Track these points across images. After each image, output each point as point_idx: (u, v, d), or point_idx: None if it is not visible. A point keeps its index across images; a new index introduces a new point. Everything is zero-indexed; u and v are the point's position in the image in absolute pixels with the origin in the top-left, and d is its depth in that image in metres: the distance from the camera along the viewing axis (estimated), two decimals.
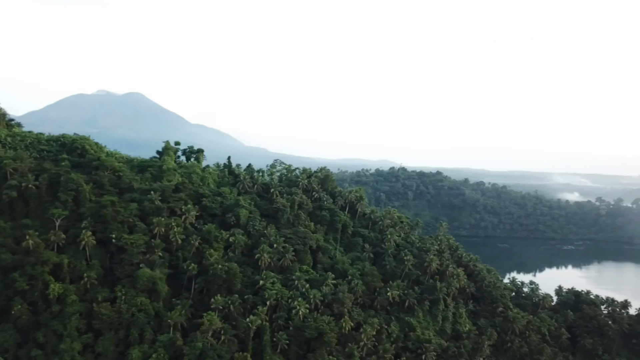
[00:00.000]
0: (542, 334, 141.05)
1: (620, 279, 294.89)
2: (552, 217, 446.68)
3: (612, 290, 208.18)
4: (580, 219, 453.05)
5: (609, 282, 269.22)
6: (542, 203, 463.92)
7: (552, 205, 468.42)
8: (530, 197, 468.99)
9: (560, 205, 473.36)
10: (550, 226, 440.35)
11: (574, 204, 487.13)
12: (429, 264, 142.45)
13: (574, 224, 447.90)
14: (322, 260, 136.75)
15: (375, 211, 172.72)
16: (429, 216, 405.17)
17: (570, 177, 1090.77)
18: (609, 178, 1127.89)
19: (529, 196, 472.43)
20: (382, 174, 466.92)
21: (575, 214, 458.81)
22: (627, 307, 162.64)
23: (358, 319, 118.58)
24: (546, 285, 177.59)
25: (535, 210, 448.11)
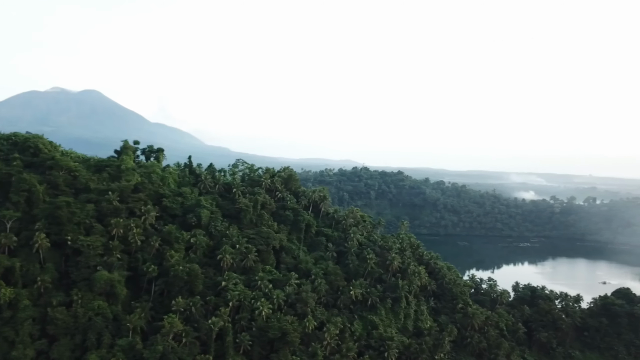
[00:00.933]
0: (500, 329, 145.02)
1: (573, 274, 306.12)
2: (509, 215, 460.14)
3: (566, 285, 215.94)
4: (536, 217, 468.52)
5: (562, 278, 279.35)
6: (499, 202, 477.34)
7: (509, 203, 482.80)
8: (488, 196, 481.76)
9: (516, 203, 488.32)
10: (508, 224, 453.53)
11: (530, 202, 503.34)
12: (391, 262, 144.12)
13: (529, 221, 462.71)
14: (286, 260, 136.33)
15: (338, 210, 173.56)
16: (391, 215, 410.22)
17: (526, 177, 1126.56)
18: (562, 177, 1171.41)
19: (487, 195, 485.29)
20: (345, 174, 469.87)
21: (531, 212, 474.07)
22: (580, 301, 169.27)
23: (321, 318, 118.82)
24: (504, 282, 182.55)
25: (494, 209, 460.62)
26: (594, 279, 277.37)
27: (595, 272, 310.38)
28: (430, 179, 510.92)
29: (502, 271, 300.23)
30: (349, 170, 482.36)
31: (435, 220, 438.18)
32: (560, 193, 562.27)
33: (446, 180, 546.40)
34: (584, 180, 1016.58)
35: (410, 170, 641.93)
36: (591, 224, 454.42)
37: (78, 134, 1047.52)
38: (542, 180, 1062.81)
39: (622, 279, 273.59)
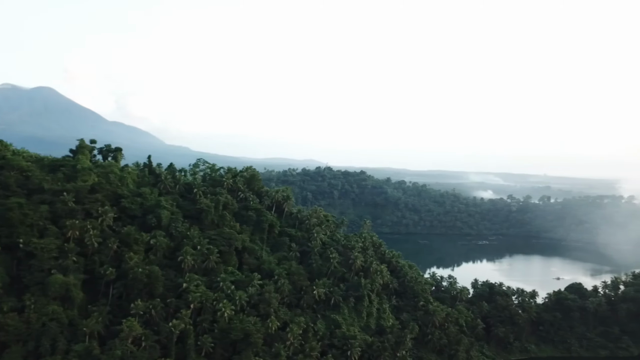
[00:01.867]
0: (459, 325, 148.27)
1: (529, 271, 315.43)
2: (468, 214, 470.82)
3: (522, 282, 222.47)
4: (494, 216, 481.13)
5: (519, 274, 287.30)
6: (459, 201, 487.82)
7: (468, 202, 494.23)
8: (448, 195, 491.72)
9: (475, 202, 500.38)
10: (467, 222, 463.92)
11: (488, 201, 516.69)
12: (353, 261, 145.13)
13: (488, 220, 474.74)
14: (248, 261, 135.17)
15: (302, 210, 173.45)
16: (354, 214, 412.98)
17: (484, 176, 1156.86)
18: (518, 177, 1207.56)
19: (447, 194, 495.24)
20: (308, 174, 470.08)
21: (489, 210, 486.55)
22: (535, 296, 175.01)
23: (285, 319, 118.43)
24: (463, 279, 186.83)
25: (453, 208, 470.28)
26: (549, 275, 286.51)
27: (549, 268, 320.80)
28: (392, 179, 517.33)
29: (461, 269, 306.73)
30: (313, 170, 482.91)
31: (397, 219, 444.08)
32: (517, 192, 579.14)
33: (407, 179, 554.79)
34: (539, 180, 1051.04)
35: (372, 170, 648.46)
36: (546, 222, 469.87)
37: (30, 132, 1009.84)
38: (499, 179, 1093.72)
39: (574, 274, 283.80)
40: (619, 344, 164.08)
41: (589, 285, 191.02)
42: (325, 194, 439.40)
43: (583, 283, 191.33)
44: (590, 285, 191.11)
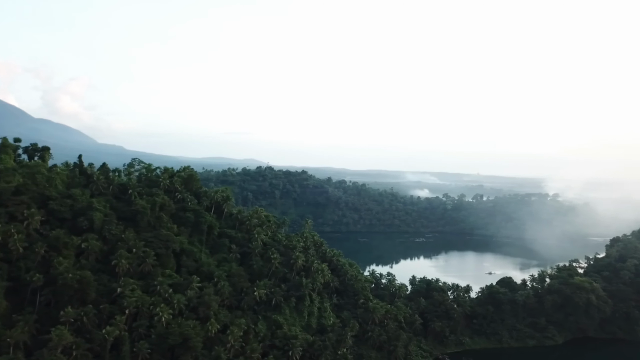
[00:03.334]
0: (398, 321, 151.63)
1: (463, 266, 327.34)
2: (406, 212, 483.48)
3: (457, 277, 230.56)
4: (430, 214, 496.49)
5: (454, 270, 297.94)
6: (397, 199, 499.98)
7: (406, 201, 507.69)
8: (386, 194, 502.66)
9: (412, 201, 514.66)
10: (405, 220, 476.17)
11: (425, 199, 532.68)
12: (295, 261, 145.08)
13: (424, 218, 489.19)
14: (187, 263, 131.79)
15: (242, 211, 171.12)
16: (295, 214, 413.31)
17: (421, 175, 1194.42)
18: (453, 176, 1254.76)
19: (385, 193, 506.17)
20: (249, 173, 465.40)
21: (426, 209, 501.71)
22: (469, 291, 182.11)
23: (225, 321, 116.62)
24: (402, 276, 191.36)
25: (392, 206, 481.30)
26: (482, 270, 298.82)
27: (482, 263, 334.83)
28: (333, 179, 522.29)
29: (400, 266, 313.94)
30: (253, 170, 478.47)
31: (338, 218, 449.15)
32: (452, 191, 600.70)
33: (348, 179, 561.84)
34: (472, 179, 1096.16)
35: (313, 169, 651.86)
36: (479, 219, 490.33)
37: None
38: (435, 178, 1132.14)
39: (505, 269, 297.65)
40: (545, 333, 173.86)
41: (518, 279, 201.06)
42: (267, 194, 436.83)
43: (513, 277, 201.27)
44: (519, 278, 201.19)
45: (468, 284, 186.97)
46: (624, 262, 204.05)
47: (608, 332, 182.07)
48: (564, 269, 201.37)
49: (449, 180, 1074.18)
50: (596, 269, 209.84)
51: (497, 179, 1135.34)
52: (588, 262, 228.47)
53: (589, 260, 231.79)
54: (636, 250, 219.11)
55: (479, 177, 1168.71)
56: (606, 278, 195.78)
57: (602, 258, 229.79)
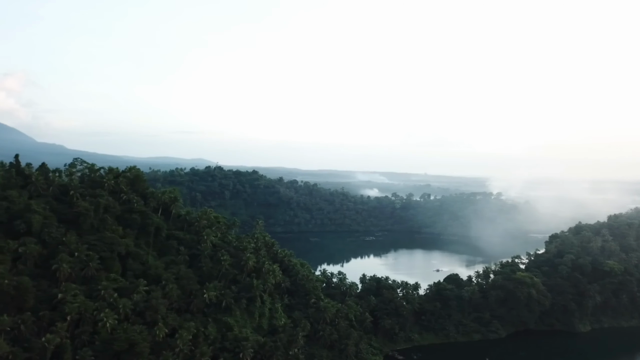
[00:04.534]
0: (349, 319, 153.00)
1: (412, 264, 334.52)
2: (356, 211, 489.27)
3: (406, 275, 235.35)
4: (380, 213, 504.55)
5: (403, 268, 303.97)
6: (348, 199, 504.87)
7: (356, 200, 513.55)
8: (337, 194, 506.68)
9: (363, 200, 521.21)
10: (355, 220, 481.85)
11: (374, 199, 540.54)
12: (245, 262, 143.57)
13: (374, 217, 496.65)
14: (133, 266, 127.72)
15: (191, 212, 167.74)
16: (246, 215, 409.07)
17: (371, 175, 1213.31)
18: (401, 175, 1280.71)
19: (336, 193, 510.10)
20: (197, 173, 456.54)
21: (376, 208, 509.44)
22: (418, 288, 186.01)
23: (173, 325, 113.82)
24: (352, 274, 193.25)
25: (342, 206, 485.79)
26: (429, 267, 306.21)
27: (430, 261, 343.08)
28: (284, 178, 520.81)
29: (351, 264, 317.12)
30: (202, 170, 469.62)
31: (289, 218, 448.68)
32: (400, 190, 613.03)
33: (299, 179, 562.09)
34: (420, 178, 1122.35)
35: (264, 169, 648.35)
36: (426, 217, 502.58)
37: None
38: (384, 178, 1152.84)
39: (452, 266, 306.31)
40: (489, 327, 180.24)
41: (464, 275, 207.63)
42: (216, 195, 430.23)
43: (459, 274, 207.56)
44: (465, 275, 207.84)
45: (417, 281, 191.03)
46: (562, 258, 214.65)
47: (547, 324, 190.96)
48: (506, 265, 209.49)
49: (397, 180, 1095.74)
50: (536, 264, 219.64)
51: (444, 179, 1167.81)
52: (529, 258, 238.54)
53: (529, 256, 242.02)
54: (573, 246, 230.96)
55: (427, 177, 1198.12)
56: (545, 273, 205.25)
57: (542, 254, 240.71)
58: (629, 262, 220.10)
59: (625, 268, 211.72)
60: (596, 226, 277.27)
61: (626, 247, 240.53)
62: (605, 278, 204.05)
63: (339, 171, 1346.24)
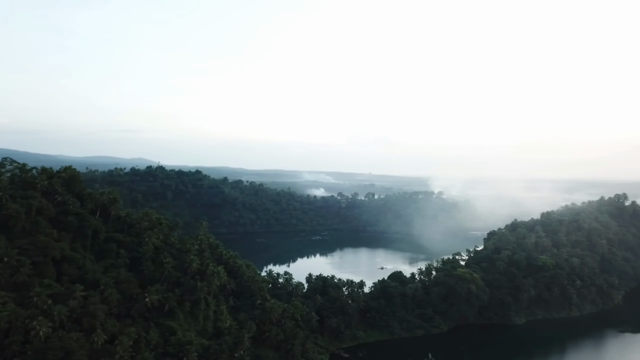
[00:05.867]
0: (295, 319, 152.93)
1: (357, 262, 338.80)
2: (303, 211, 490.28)
3: (351, 273, 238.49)
4: (326, 212, 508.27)
5: (349, 266, 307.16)
6: (294, 199, 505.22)
7: (303, 200, 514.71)
8: (284, 194, 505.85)
9: (309, 200, 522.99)
10: (302, 219, 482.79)
11: (320, 198, 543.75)
12: (189, 264, 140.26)
13: (320, 216, 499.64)
14: (69, 271, 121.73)
15: (131, 214, 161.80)
16: (190, 216, 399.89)
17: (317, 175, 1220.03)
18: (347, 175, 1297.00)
19: (283, 193, 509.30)
20: (138, 174, 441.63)
21: (322, 207, 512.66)
22: (363, 286, 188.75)
23: (113, 331, 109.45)
24: (299, 274, 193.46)
25: (289, 206, 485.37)
26: (374, 265, 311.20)
27: (375, 259, 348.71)
28: (229, 178, 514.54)
29: (297, 264, 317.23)
30: (143, 170, 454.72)
31: (234, 219, 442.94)
32: (346, 190, 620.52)
33: (244, 179, 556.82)
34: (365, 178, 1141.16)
35: (208, 169, 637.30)
36: (371, 216, 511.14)
37: None
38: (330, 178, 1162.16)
39: (396, 263, 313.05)
40: (432, 323, 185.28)
41: (407, 272, 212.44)
42: (158, 195, 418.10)
43: (403, 271, 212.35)
44: (408, 272, 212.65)
45: (362, 279, 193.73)
46: (499, 254, 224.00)
47: (486, 318, 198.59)
48: (447, 261, 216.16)
49: (343, 179, 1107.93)
50: (475, 260, 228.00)
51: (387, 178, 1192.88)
52: (468, 255, 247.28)
53: (469, 252, 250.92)
54: (509, 243, 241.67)
55: (371, 177, 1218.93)
56: (484, 268, 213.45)
57: (481, 250, 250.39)
58: (560, 257, 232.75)
59: (556, 262, 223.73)
60: (530, 223, 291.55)
61: (557, 242, 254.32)
62: (539, 272, 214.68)
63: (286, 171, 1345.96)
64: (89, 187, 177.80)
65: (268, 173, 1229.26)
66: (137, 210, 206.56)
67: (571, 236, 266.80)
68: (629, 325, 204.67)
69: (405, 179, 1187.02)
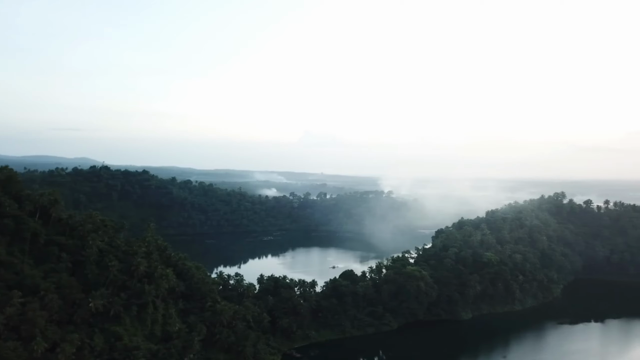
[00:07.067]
0: (247, 321, 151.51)
1: (309, 262, 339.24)
2: (254, 211, 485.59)
3: (303, 273, 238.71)
4: (278, 212, 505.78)
5: (301, 266, 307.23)
6: (245, 199, 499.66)
7: (254, 200, 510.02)
8: (235, 194, 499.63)
9: (260, 200, 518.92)
10: (253, 220, 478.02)
11: (272, 198, 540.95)
12: (136, 267, 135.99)
13: (272, 216, 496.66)
14: (6, 276, 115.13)
15: (74, 215, 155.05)
16: (136, 217, 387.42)
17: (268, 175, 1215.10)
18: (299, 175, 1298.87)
19: (234, 193, 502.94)
20: (81, 174, 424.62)
21: (274, 207, 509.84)
22: (315, 286, 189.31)
23: (54, 338, 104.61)
24: (250, 275, 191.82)
25: (240, 206, 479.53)
26: (326, 264, 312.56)
27: (326, 258, 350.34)
28: (178, 178, 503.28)
29: (248, 265, 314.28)
30: (87, 169, 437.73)
31: (183, 220, 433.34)
32: (298, 189, 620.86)
33: (194, 179, 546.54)
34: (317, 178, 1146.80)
35: (156, 169, 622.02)
36: (322, 216, 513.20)
37: None
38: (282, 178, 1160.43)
39: (347, 262, 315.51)
40: (382, 320, 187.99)
41: (358, 271, 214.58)
42: (103, 196, 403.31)
43: (354, 269, 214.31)
44: (359, 271, 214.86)
45: (314, 279, 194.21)
46: (447, 251, 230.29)
47: (434, 314, 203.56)
48: (397, 259, 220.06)
49: (295, 179, 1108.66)
50: (424, 258, 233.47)
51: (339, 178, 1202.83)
52: (417, 253, 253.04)
53: (418, 250, 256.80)
54: (456, 240, 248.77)
55: (323, 176, 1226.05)
56: (432, 266, 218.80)
57: (429, 248, 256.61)
58: (503, 254, 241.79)
59: (500, 259, 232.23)
60: (476, 221, 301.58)
61: (501, 239, 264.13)
62: (484, 269, 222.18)
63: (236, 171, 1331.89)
64: (27, 188, 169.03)
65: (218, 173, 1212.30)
66: (80, 211, 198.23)
67: (514, 233, 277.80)
68: (567, 317, 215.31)
69: (357, 179, 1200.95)
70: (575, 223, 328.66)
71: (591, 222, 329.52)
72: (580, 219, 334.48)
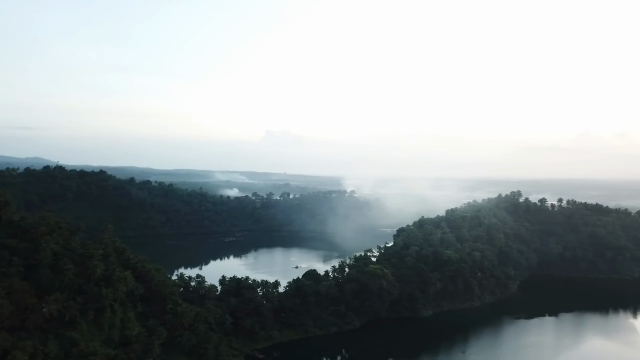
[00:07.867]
0: (208, 323, 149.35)
1: (272, 262, 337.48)
2: (215, 212, 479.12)
3: (266, 273, 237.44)
4: (240, 213, 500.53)
5: (263, 266, 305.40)
6: (206, 200, 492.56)
7: (216, 201, 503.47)
8: (195, 195, 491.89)
9: (222, 200, 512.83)
10: (215, 221, 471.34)
11: (234, 199, 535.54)
12: (92, 270, 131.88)
13: (234, 217, 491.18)
14: None
15: (26, 217, 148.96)
16: (93, 218, 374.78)
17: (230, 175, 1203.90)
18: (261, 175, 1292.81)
19: (194, 193, 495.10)
20: (34, 174, 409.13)
21: (236, 208, 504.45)
22: (277, 286, 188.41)
23: (4, 346, 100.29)
24: (212, 277, 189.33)
25: (201, 207, 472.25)
26: (289, 264, 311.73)
27: (290, 258, 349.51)
28: (137, 179, 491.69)
29: (210, 267, 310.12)
30: (40, 170, 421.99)
31: (142, 221, 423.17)
32: (261, 189, 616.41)
33: (153, 179, 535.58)
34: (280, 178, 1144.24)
35: (113, 169, 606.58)
36: (286, 216, 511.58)
37: None
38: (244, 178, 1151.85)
39: (310, 262, 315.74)
40: (345, 319, 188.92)
41: (321, 270, 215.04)
42: (57, 197, 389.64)
43: (317, 269, 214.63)
44: (322, 270, 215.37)
45: (277, 279, 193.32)
46: (408, 249, 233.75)
47: (396, 312, 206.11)
48: (360, 258, 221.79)
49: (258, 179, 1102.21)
50: (386, 256, 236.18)
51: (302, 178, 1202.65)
52: (379, 251, 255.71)
53: (380, 249, 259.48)
54: (417, 239, 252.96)
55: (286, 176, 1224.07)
56: (394, 264, 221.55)
57: (391, 247, 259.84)
58: (463, 251, 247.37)
59: (460, 257, 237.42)
60: (436, 220, 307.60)
61: (461, 237, 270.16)
62: (444, 266, 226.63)
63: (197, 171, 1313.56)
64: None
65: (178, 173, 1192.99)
66: (33, 213, 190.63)
67: (473, 231, 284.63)
68: (523, 312, 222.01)
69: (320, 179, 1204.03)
70: (530, 221, 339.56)
71: (546, 220, 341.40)
72: (535, 217, 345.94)
